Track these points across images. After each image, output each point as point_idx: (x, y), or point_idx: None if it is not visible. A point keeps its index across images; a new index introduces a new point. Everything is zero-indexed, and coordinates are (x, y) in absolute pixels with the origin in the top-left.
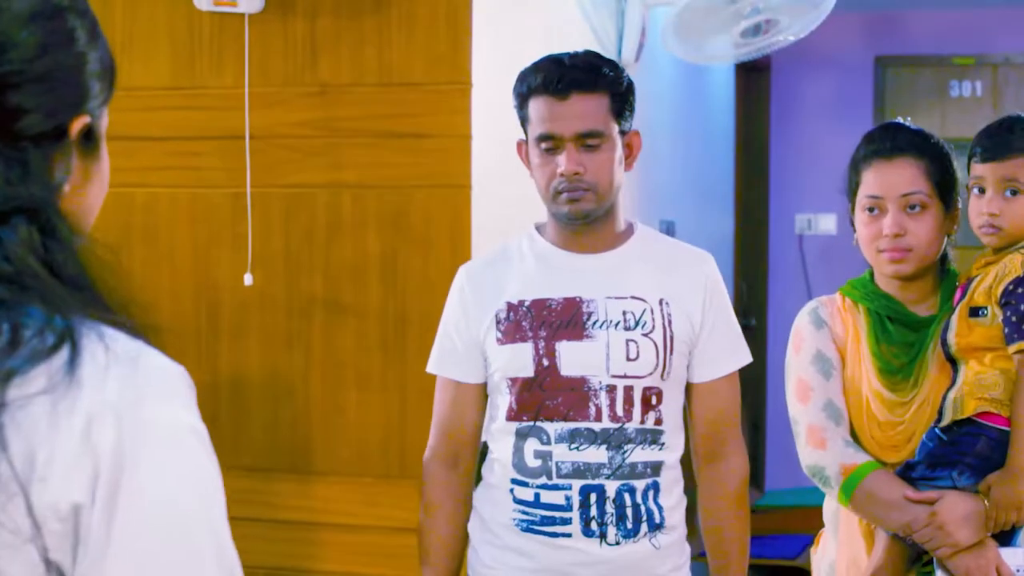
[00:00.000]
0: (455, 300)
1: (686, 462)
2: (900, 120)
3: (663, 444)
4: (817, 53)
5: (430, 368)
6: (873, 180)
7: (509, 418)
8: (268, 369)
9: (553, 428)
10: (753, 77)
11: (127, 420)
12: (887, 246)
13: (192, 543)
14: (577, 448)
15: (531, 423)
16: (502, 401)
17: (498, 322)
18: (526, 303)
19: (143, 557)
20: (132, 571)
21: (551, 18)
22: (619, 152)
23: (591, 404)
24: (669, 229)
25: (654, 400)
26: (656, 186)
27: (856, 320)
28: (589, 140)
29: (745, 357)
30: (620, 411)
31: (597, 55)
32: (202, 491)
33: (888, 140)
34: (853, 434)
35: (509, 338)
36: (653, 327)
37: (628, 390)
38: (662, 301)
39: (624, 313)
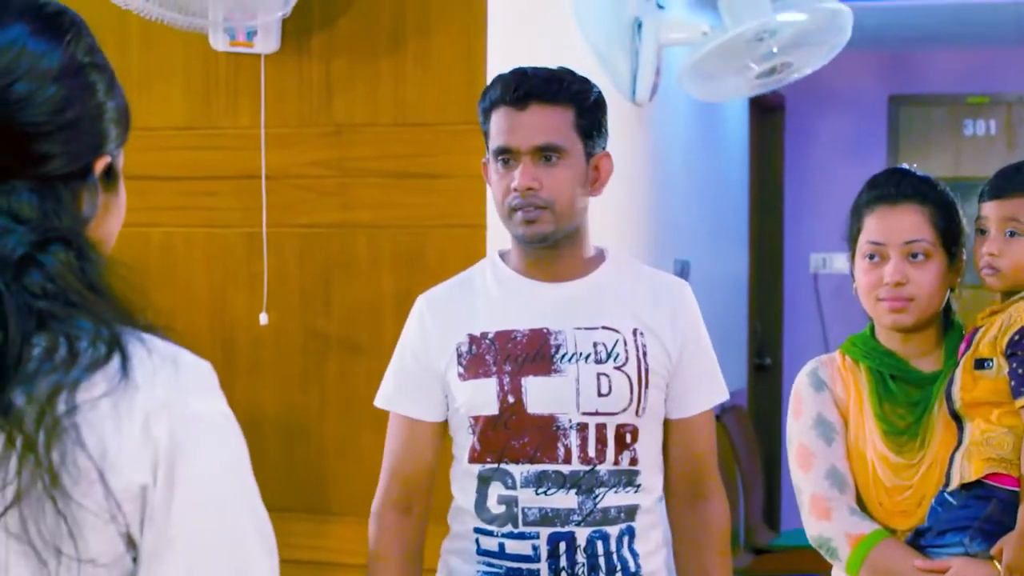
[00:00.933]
0: (413, 330)
1: None
2: (906, 166)
3: (639, 486)
4: (831, 92)
5: (379, 402)
6: (875, 226)
7: (471, 460)
8: (283, 408)
9: (519, 471)
10: (767, 116)
11: (176, 413)
12: (887, 295)
13: (235, 510)
14: (545, 492)
15: (495, 465)
16: (464, 441)
17: (459, 356)
18: (489, 335)
19: (198, 524)
20: (189, 535)
21: (565, 58)
22: (582, 172)
23: (559, 444)
24: (683, 268)
25: (629, 438)
26: (670, 225)
27: (858, 380)
28: (547, 153)
29: (721, 393)
30: (592, 451)
31: (567, 70)
32: (239, 467)
33: (892, 186)
34: (860, 501)
35: (471, 373)
36: (627, 359)
37: (600, 428)
38: (636, 331)
39: (595, 345)
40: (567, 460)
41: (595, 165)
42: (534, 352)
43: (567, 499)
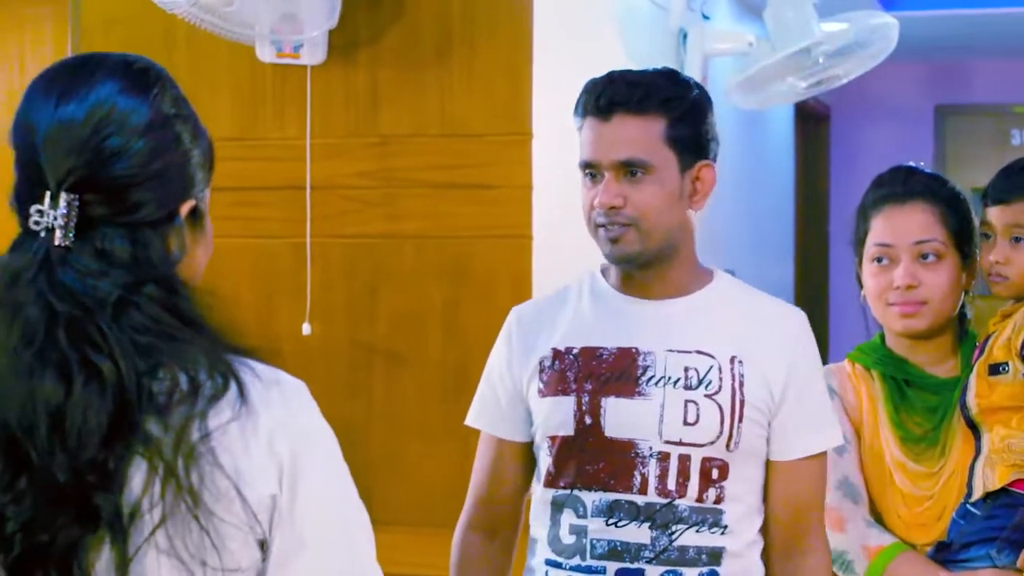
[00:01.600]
0: (501, 345)
1: None
2: (913, 164)
3: (725, 527)
4: (877, 102)
5: (469, 420)
6: (883, 227)
7: (546, 484)
8: (329, 419)
9: (591, 498)
10: (813, 126)
11: (292, 430)
12: (898, 299)
13: (345, 507)
14: (615, 524)
15: (568, 491)
16: (542, 464)
17: (541, 370)
18: (574, 351)
19: (319, 523)
20: (313, 533)
21: (612, 67)
22: (675, 186)
23: (636, 473)
24: None
25: (716, 474)
26: (716, 235)
27: (870, 387)
28: (631, 169)
29: (834, 438)
30: (671, 484)
31: (665, 72)
32: (343, 472)
33: (899, 184)
34: (876, 514)
35: (551, 390)
36: (719, 388)
37: (683, 460)
38: (734, 359)
39: (686, 369)
40: (642, 491)
41: (695, 176)
42: (619, 372)
43: (639, 533)
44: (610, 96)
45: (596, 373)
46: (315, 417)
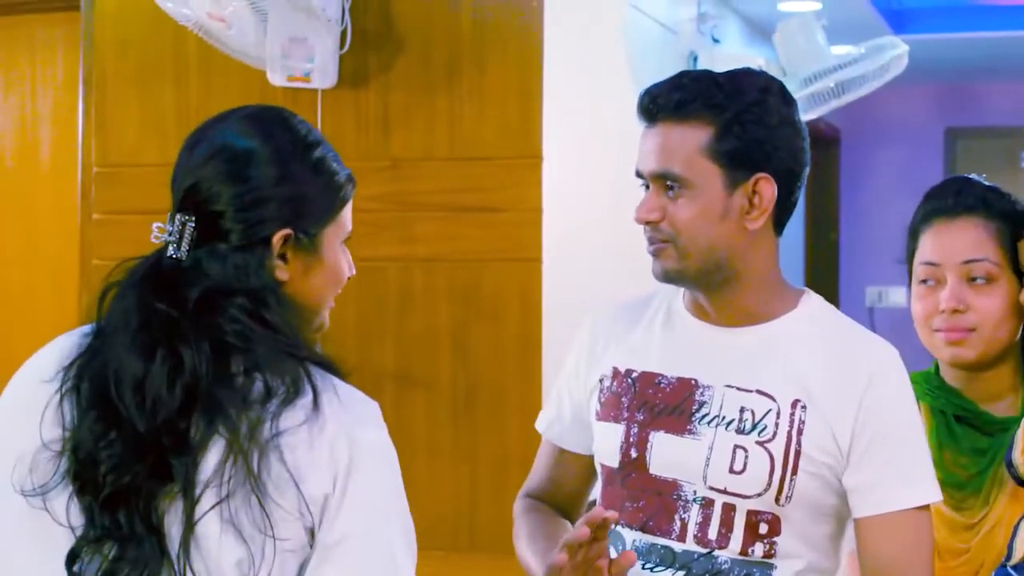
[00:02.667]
0: (575, 349)
1: None
2: (970, 175)
3: None
4: (887, 125)
5: (537, 424)
6: (931, 244)
7: None
8: None
9: (631, 537)
10: (823, 149)
11: (353, 440)
12: (943, 324)
13: (388, 516)
14: (651, 569)
15: (612, 527)
16: (596, 489)
17: (601, 390)
18: (634, 374)
19: (360, 525)
20: (354, 532)
21: (621, 93)
22: (719, 204)
23: (676, 517)
24: None
25: (764, 528)
26: None
27: None
28: (667, 182)
29: (927, 494)
30: (712, 534)
31: (729, 73)
32: (393, 485)
33: (950, 196)
34: None
35: (605, 414)
36: (774, 435)
37: (728, 509)
38: (797, 403)
39: (742, 410)
40: (681, 538)
41: (751, 189)
42: (675, 405)
43: None
44: (657, 99)
45: (651, 403)
46: (378, 433)
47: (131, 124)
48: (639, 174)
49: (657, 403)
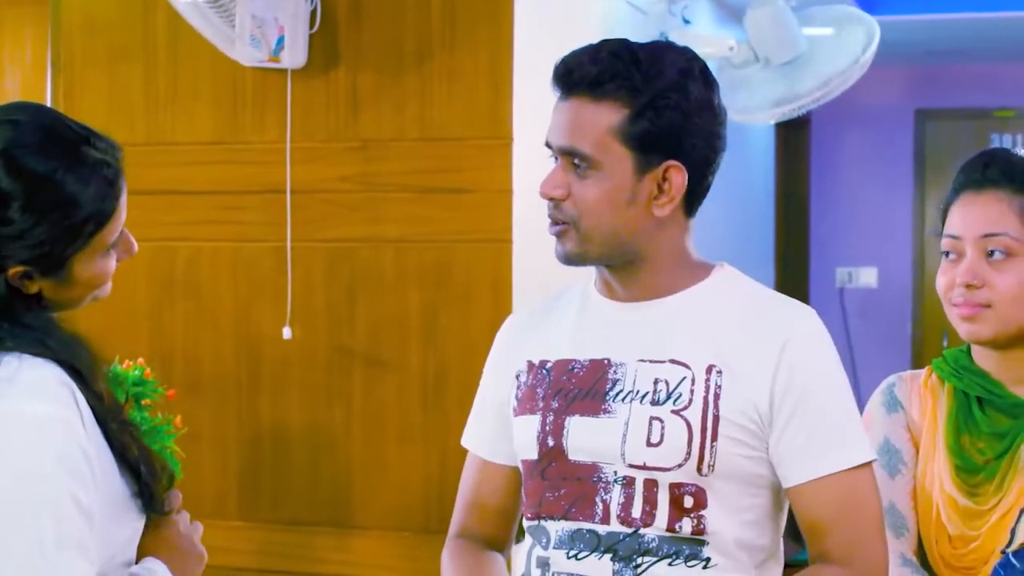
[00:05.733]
0: (491, 356)
1: None
2: (1010, 149)
3: (707, 561)
4: (857, 107)
5: (462, 440)
6: (955, 217)
7: (524, 514)
8: (309, 423)
9: (554, 528)
10: (793, 131)
11: None
12: (959, 299)
13: (20, 490)
14: (575, 557)
15: (535, 521)
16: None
17: (517, 387)
18: (548, 364)
19: None
20: None
21: None
22: (626, 188)
23: (598, 500)
24: None
25: (689, 502)
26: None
27: (937, 402)
28: (574, 160)
29: (856, 454)
30: (636, 512)
31: (650, 48)
32: (24, 462)
33: (978, 169)
34: (923, 548)
35: (522, 408)
36: (690, 402)
37: (650, 485)
38: (712, 368)
39: (656, 382)
40: (604, 520)
41: (661, 176)
42: (588, 387)
43: (600, 565)
44: (571, 72)
45: (565, 389)
46: (18, 405)
47: (100, 105)
48: (548, 145)
49: (571, 388)
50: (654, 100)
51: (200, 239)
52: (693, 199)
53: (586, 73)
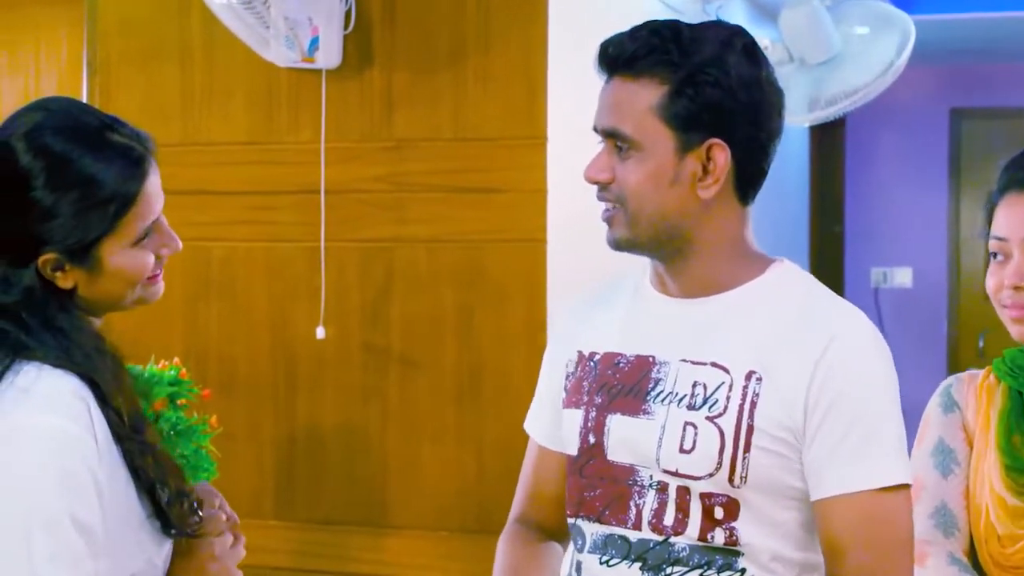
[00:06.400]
0: (549, 342)
1: None
2: None
3: (743, 573)
4: (892, 106)
5: (525, 422)
6: (1001, 217)
7: (567, 510)
8: (344, 423)
9: (589, 531)
10: (827, 131)
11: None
12: (1008, 300)
13: (17, 501)
14: (607, 563)
15: (573, 519)
16: None
17: (567, 377)
18: (596, 356)
19: None
20: None
21: None
22: (668, 169)
23: (631, 504)
24: None
25: (719, 513)
26: None
27: (992, 402)
28: (616, 142)
29: (889, 473)
30: (668, 519)
31: (691, 25)
32: (23, 473)
33: (1023, 169)
34: (974, 549)
35: (569, 400)
36: (725, 409)
37: (683, 493)
38: (751, 375)
39: (694, 385)
40: (636, 526)
41: (705, 155)
42: (632, 384)
43: (630, 574)
44: (614, 52)
45: (610, 384)
46: (23, 419)
47: (135, 105)
48: (595, 129)
49: (615, 384)
50: (693, 75)
51: (234, 239)
52: (745, 185)
53: (624, 50)
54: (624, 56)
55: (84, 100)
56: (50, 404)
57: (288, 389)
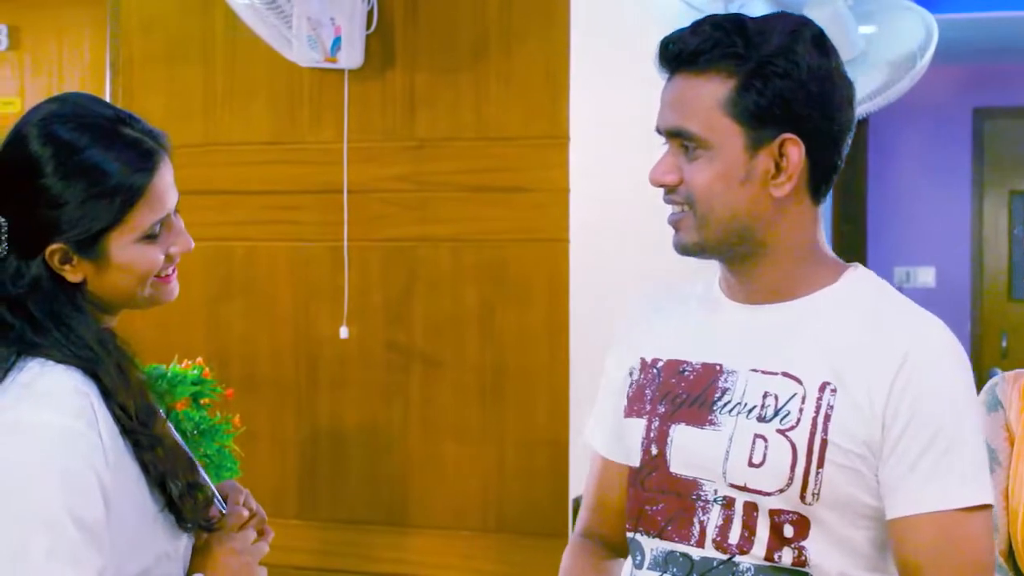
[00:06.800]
0: (613, 342)
1: None
2: None
3: None
4: (914, 106)
5: (585, 432)
6: None
7: (626, 524)
8: (366, 422)
9: (649, 547)
10: None
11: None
12: None
13: (14, 496)
14: None
15: (632, 533)
16: None
17: (630, 384)
18: (660, 363)
19: None
20: None
21: (649, 70)
22: (738, 167)
23: (695, 520)
24: None
25: (790, 531)
26: None
27: None
28: (683, 142)
29: (966, 494)
30: (734, 537)
31: (755, 18)
32: (23, 471)
33: None
34: (1012, 551)
35: (630, 409)
36: (798, 422)
37: (750, 508)
38: (825, 387)
39: (765, 396)
40: (699, 543)
41: (777, 151)
42: (697, 393)
43: None
44: (676, 47)
45: (674, 393)
46: (27, 415)
47: (158, 106)
48: (658, 130)
49: (680, 393)
50: (761, 67)
51: (257, 239)
52: (818, 181)
53: (686, 45)
54: (687, 51)
55: (107, 100)
56: (52, 401)
57: (310, 388)
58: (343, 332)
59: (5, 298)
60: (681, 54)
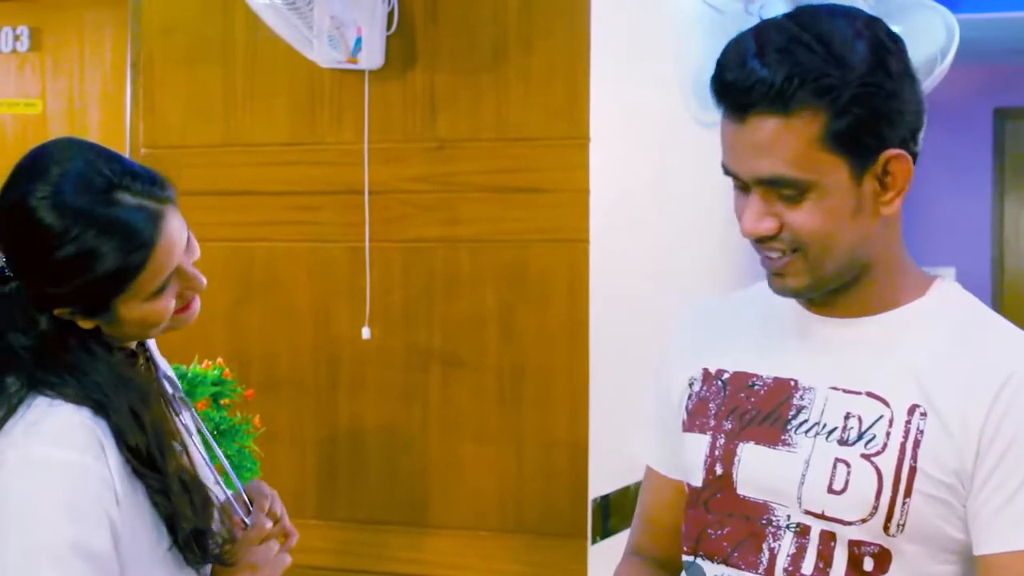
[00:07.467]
0: (664, 354)
1: None
2: None
3: None
4: (935, 106)
5: (634, 445)
6: None
7: (682, 544)
8: (386, 423)
9: (712, 572)
10: None
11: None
12: None
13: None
14: None
15: (691, 557)
16: None
17: (689, 396)
18: (725, 375)
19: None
20: None
21: (670, 70)
22: (848, 198)
23: (764, 547)
24: None
25: (869, 564)
26: None
27: None
28: (780, 190)
29: None
30: (807, 568)
31: (824, 36)
32: (22, 505)
33: None
34: None
35: (691, 423)
36: (884, 447)
37: (826, 538)
38: (915, 409)
39: (847, 417)
40: (769, 572)
41: (882, 170)
42: (768, 411)
43: None
44: (743, 88)
45: (742, 409)
46: (35, 451)
47: (178, 106)
48: (730, 172)
49: (749, 409)
50: (856, 95)
51: (277, 239)
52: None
53: (764, 85)
54: (770, 93)
55: (128, 101)
56: (58, 437)
57: (330, 389)
58: (365, 333)
59: (17, 340)
60: (762, 96)
